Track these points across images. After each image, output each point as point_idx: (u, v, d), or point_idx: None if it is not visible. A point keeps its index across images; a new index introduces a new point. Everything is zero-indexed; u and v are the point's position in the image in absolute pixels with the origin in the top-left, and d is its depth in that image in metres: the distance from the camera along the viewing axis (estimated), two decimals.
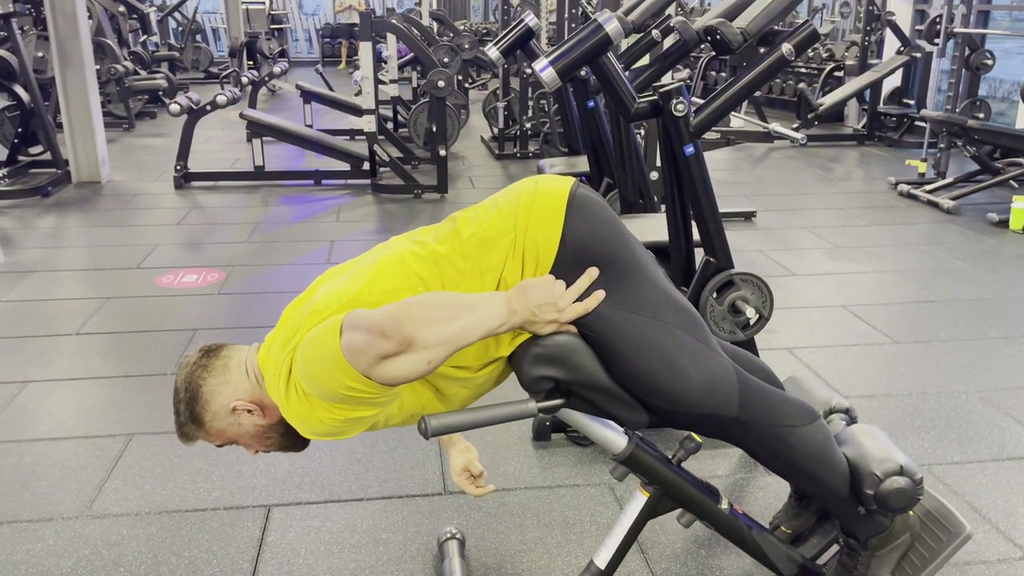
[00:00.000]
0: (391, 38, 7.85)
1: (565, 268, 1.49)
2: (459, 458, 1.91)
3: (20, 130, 6.51)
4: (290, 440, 1.60)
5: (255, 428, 1.58)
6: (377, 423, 1.53)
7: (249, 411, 1.56)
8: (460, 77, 8.73)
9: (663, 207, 2.81)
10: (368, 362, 1.30)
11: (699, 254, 2.70)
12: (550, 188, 1.55)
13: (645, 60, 3.78)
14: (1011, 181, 5.86)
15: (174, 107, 6.33)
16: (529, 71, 7.02)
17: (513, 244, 1.50)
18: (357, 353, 1.30)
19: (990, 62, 6.84)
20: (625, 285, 1.53)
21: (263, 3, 14.59)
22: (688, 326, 1.57)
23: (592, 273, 1.49)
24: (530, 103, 7.43)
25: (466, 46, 8.26)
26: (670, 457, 1.68)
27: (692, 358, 1.55)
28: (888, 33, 8.55)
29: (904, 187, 6.12)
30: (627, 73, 3.59)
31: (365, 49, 5.99)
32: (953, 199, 5.65)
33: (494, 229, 1.52)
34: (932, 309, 3.86)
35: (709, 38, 2.74)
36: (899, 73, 8.25)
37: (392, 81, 8.08)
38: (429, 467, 2.55)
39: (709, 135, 5.53)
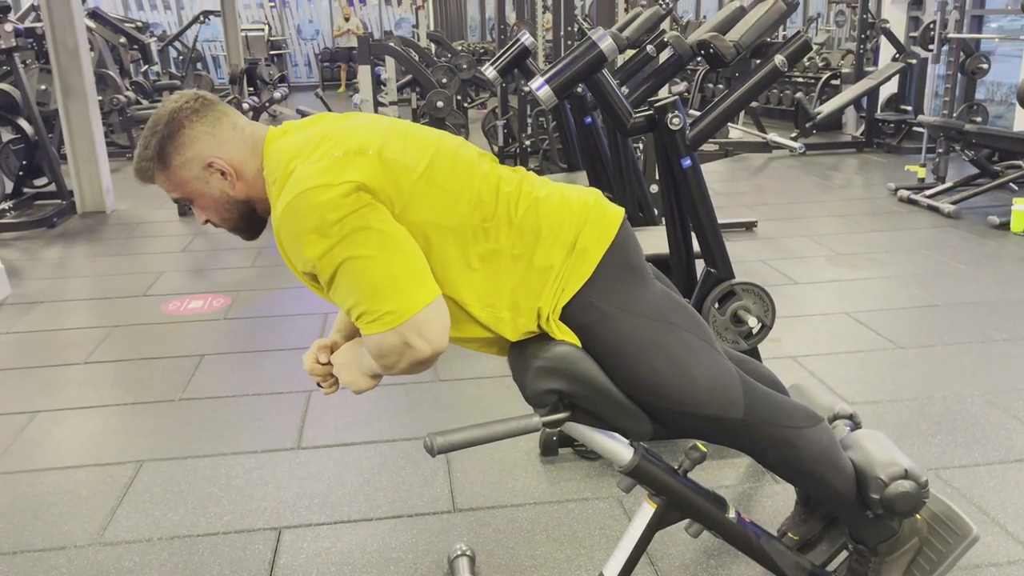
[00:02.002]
0: (390, 61, 7.91)
1: (603, 274, 1.54)
2: (330, 339, 1.70)
3: (24, 162, 6.56)
4: (246, 223, 1.57)
5: (220, 194, 1.52)
6: None
7: (224, 174, 1.49)
8: (459, 97, 8.80)
9: (663, 220, 2.83)
10: (391, 359, 1.42)
11: (700, 265, 2.72)
12: (611, 204, 1.65)
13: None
14: (1011, 184, 5.88)
15: None
16: (527, 89, 7.08)
17: (567, 232, 1.53)
18: (385, 349, 1.40)
19: (985, 66, 6.87)
20: (636, 291, 1.57)
21: (262, 30, 14.74)
22: (692, 328, 1.60)
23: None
24: (529, 120, 7.48)
25: (464, 66, 8.33)
26: (676, 468, 1.69)
27: (697, 358, 1.57)
28: (883, 40, 8.60)
29: (904, 192, 6.14)
30: (623, 88, 3.62)
31: (364, 72, 6.05)
32: (953, 203, 5.66)
33: (553, 206, 1.55)
34: (935, 313, 3.87)
35: (703, 52, 2.77)
36: (896, 79, 8.28)
37: (391, 103, 8.13)
38: (438, 485, 2.56)
39: (707, 147, 5.56)
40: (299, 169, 1.41)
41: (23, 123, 6.39)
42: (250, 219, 1.57)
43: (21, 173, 6.59)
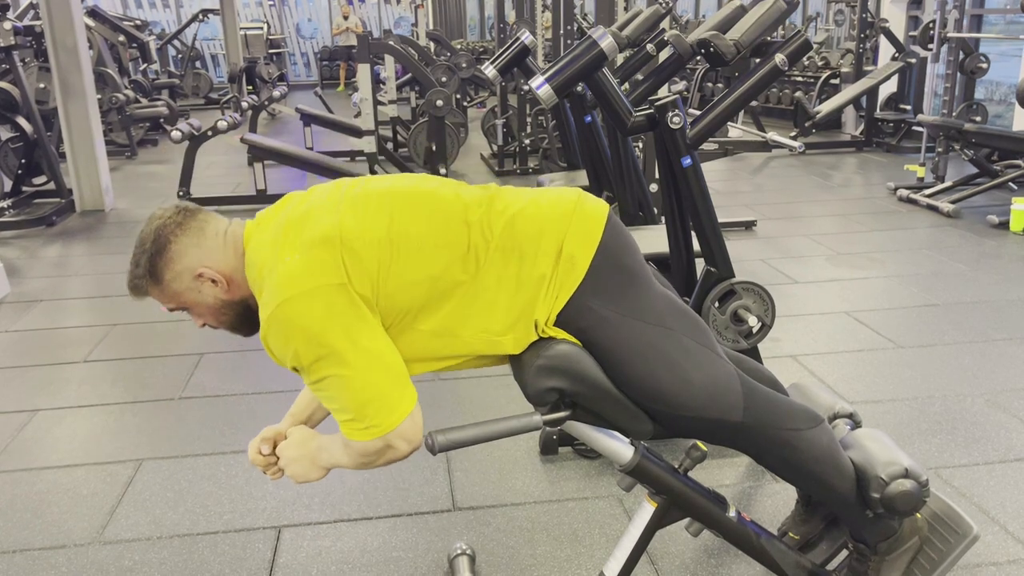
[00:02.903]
0: (389, 59, 7.91)
1: (595, 277, 1.53)
2: (280, 427, 1.73)
3: (24, 161, 6.56)
4: (242, 322, 1.60)
5: (214, 300, 1.56)
6: None
7: (214, 281, 1.53)
8: (458, 96, 8.80)
9: (663, 219, 2.83)
10: (362, 443, 1.48)
11: (700, 264, 2.72)
12: (592, 202, 1.62)
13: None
14: (1010, 183, 5.88)
15: (176, 134, 6.39)
16: (526, 88, 7.08)
17: (550, 242, 1.53)
18: (369, 451, 1.48)
19: (985, 65, 6.88)
20: (634, 294, 1.56)
21: (261, 28, 14.73)
22: (692, 332, 1.59)
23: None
24: (528, 120, 7.48)
25: (463, 65, 8.32)
26: (676, 467, 1.69)
27: (696, 363, 1.57)
28: (882, 40, 8.60)
29: (903, 192, 6.14)
30: (624, 86, 3.62)
31: (363, 71, 6.05)
32: (953, 203, 5.66)
33: (530, 218, 1.54)
34: (935, 313, 3.87)
35: (703, 51, 2.77)
36: (895, 79, 8.29)
37: (391, 101, 8.14)
38: (438, 484, 2.56)
39: (707, 146, 5.55)
40: (270, 279, 1.45)
41: (22, 121, 6.39)
42: (246, 317, 1.60)
43: (20, 171, 6.59)
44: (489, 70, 4.09)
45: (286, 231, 1.48)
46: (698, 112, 2.58)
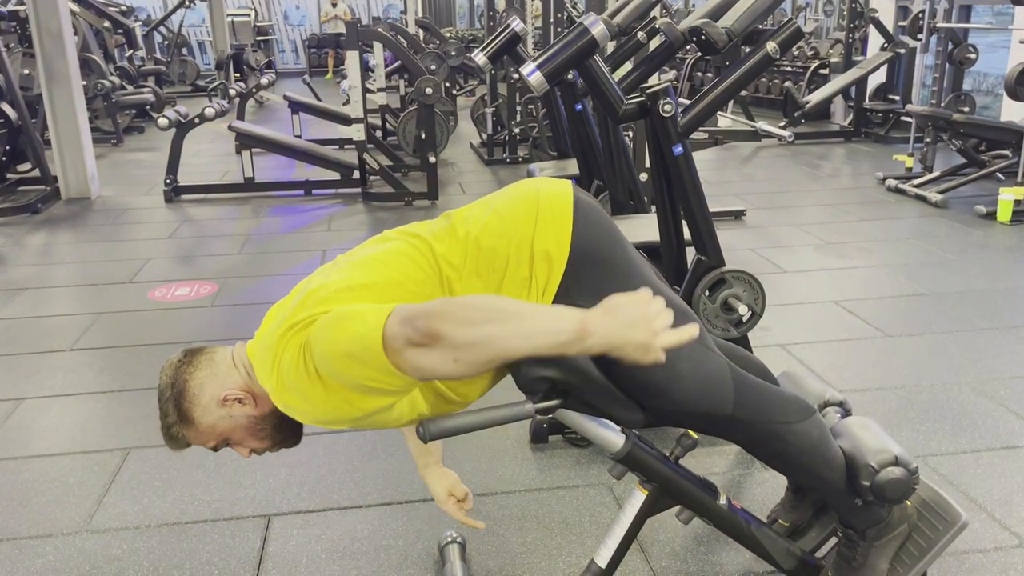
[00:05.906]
0: (378, 47, 7.86)
1: (575, 269, 1.51)
2: (439, 484, 1.89)
3: (8, 148, 6.49)
4: (283, 433, 1.59)
5: (247, 420, 1.56)
6: (383, 422, 1.47)
7: (240, 400, 1.54)
8: (448, 84, 8.76)
9: (653, 207, 2.82)
10: (397, 348, 1.25)
11: (691, 253, 2.72)
12: (554, 191, 1.57)
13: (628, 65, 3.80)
14: (997, 173, 5.90)
15: (162, 121, 6.33)
16: (516, 76, 7.05)
17: (519, 248, 1.50)
18: (391, 338, 1.25)
19: (973, 56, 6.90)
20: (620, 285, 1.54)
21: (248, 16, 14.61)
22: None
23: (692, 331, 1.34)
24: (518, 108, 7.45)
25: (453, 53, 8.28)
26: (667, 455, 1.69)
27: (686, 357, 1.56)
28: (872, 30, 8.61)
29: (892, 182, 6.16)
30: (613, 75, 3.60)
31: (352, 58, 6.01)
32: (941, 193, 5.69)
33: (494, 232, 1.52)
34: (923, 302, 3.89)
35: (694, 39, 2.76)
36: (884, 69, 8.30)
37: (380, 90, 8.09)
38: None
39: (697, 135, 5.55)
40: (284, 378, 1.41)
41: (6, 108, 6.32)
42: (283, 426, 1.58)
43: (4, 159, 6.52)
44: (479, 58, 4.06)
45: (282, 335, 1.45)
46: (688, 102, 2.57)
